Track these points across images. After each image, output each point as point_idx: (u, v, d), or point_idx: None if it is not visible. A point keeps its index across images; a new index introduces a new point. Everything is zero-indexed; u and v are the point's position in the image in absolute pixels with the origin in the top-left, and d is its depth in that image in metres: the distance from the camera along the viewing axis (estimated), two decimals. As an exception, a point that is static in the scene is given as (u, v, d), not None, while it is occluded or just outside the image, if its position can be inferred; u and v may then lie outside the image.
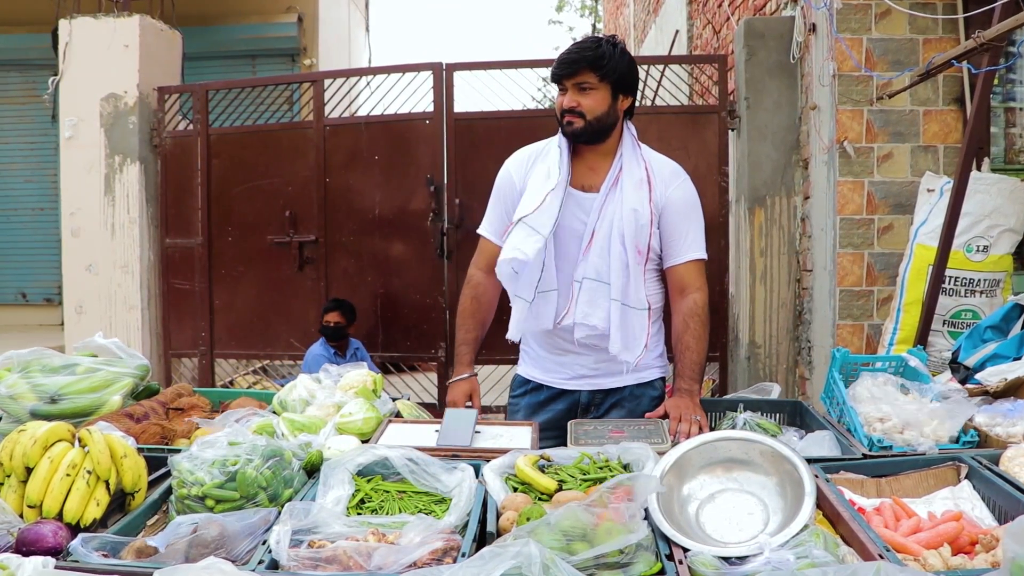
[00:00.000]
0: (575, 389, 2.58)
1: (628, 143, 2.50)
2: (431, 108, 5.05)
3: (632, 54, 2.53)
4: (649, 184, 2.46)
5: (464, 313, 2.64)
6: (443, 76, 5.02)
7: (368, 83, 5.23)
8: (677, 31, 7.77)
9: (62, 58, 5.46)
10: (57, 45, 5.52)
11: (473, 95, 5.16)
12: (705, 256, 2.58)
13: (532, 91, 9.27)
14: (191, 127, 5.45)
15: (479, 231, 2.66)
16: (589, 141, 2.47)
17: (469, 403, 2.51)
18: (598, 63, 2.38)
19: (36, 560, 1.40)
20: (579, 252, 2.44)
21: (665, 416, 2.38)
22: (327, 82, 5.26)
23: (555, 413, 2.55)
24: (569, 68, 2.40)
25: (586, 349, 2.53)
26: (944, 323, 3.57)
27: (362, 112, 5.32)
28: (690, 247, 2.54)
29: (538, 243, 2.37)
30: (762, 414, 2.38)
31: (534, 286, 2.44)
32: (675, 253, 2.53)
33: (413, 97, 5.09)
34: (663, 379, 2.65)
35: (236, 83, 5.48)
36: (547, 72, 5.16)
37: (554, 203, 2.40)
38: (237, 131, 5.39)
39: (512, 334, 2.51)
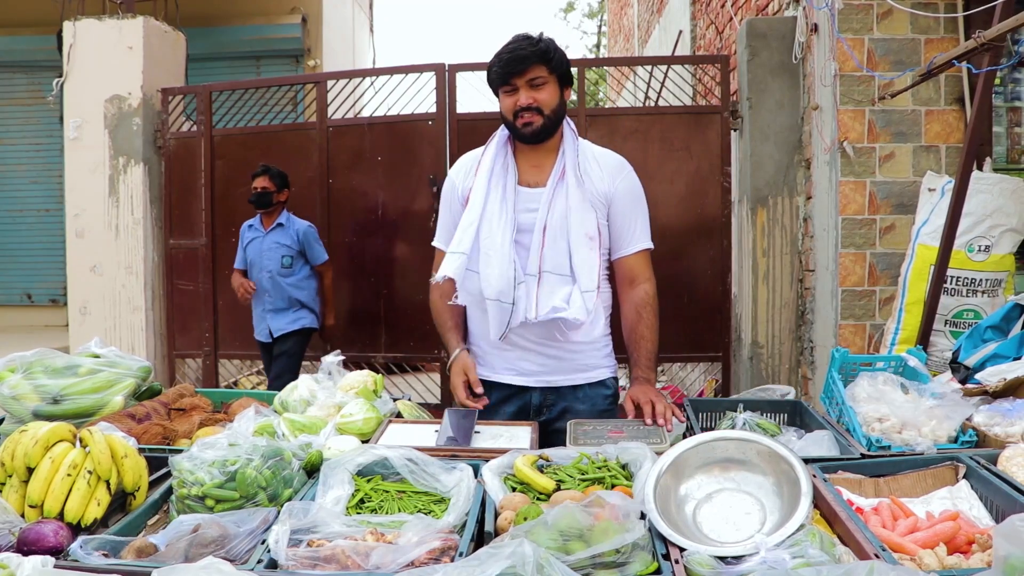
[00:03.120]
0: (526, 387, 2.56)
1: (569, 137, 2.50)
2: (434, 109, 5.06)
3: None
4: (589, 175, 2.47)
5: (440, 309, 2.62)
6: (446, 77, 5.03)
7: (372, 84, 5.24)
8: (681, 31, 7.77)
9: (67, 60, 5.49)
10: (62, 47, 5.55)
11: (476, 96, 5.17)
12: (652, 246, 2.62)
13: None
14: (195, 128, 5.47)
15: (434, 243, 2.66)
16: (545, 138, 2.46)
17: (468, 383, 2.45)
18: (547, 56, 2.37)
19: (36, 559, 1.41)
20: (533, 247, 2.43)
21: (636, 408, 2.40)
22: (330, 83, 5.27)
23: (506, 416, 2.55)
24: (522, 64, 2.37)
25: (536, 344, 2.53)
26: (946, 323, 3.57)
27: (366, 113, 5.33)
28: (638, 238, 2.58)
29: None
30: (762, 414, 2.38)
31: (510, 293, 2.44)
32: (624, 244, 2.56)
33: (416, 98, 5.10)
34: (615, 379, 2.67)
35: (240, 84, 5.50)
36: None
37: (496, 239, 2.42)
38: (241, 132, 5.41)
39: (494, 335, 2.49)
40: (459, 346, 2.56)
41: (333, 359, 2.62)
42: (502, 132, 2.56)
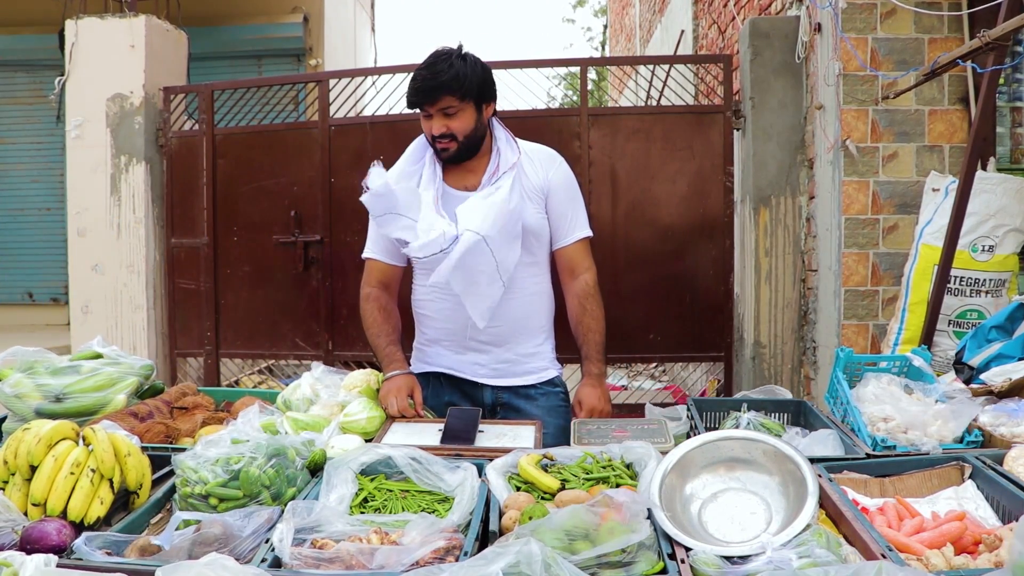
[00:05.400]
0: (478, 382, 2.62)
1: (500, 136, 2.55)
2: (436, 108, 5.04)
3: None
4: (522, 170, 2.51)
5: (376, 323, 2.63)
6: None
7: (374, 83, 5.23)
8: (683, 31, 7.77)
9: (68, 58, 5.48)
10: (63, 45, 5.53)
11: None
12: (591, 234, 2.66)
13: (539, 91, 9.30)
14: (197, 127, 5.47)
15: (365, 255, 2.70)
16: (466, 159, 2.50)
17: (410, 399, 2.44)
18: (456, 85, 2.38)
19: (39, 558, 1.41)
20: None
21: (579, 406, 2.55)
22: (332, 82, 5.26)
23: None
24: (430, 96, 2.39)
25: (487, 346, 2.59)
26: (949, 323, 3.56)
27: (368, 112, 5.32)
28: (576, 227, 2.62)
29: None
30: (766, 413, 2.38)
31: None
32: (563, 235, 2.61)
33: (418, 97, 5.07)
34: (560, 376, 2.74)
35: (241, 83, 5.49)
36: (553, 72, 5.17)
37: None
38: (242, 131, 5.40)
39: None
40: (406, 366, 2.56)
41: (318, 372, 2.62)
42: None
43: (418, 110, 2.48)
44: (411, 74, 2.51)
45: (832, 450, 2.08)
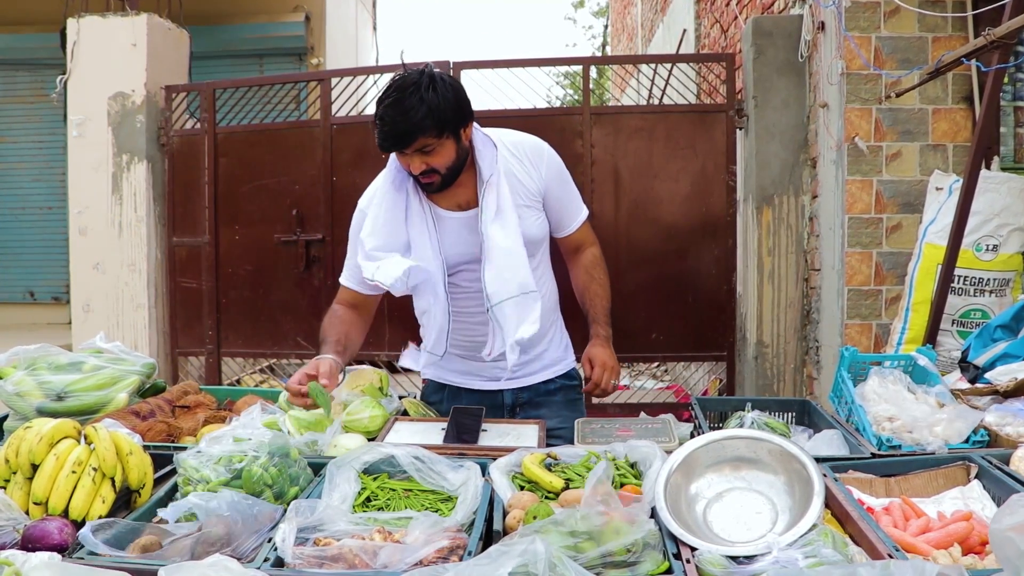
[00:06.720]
0: (496, 389, 2.58)
1: (479, 143, 2.37)
2: (438, 107, 5.02)
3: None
4: (514, 175, 2.41)
5: (323, 330, 2.50)
6: (450, 74, 4.99)
7: (375, 82, 5.22)
8: (685, 30, 7.76)
9: (70, 57, 5.47)
10: (65, 44, 5.53)
11: (481, 94, 5.13)
12: (587, 211, 2.64)
13: (541, 90, 9.32)
14: (198, 126, 5.46)
15: (341, 281, 2.61)
16: (452, 183, 2.35)
17: (325, 382, 2.23)
18: (431, 123, 2.17)
19: (42, 555, 1.40)
20: (481, 271, 2.36)
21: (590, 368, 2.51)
22: (334, 81, 5.26)
23: None
24: (403, 142, 2.20)
25: (503, 356, 2.49)
26: (953, 323, 3.55)
27: (369, 111, 5.31)
28: (576, 213, 2.59)
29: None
30: (770, 413, 2.37)
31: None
32: (567, 222, 2.58)
33: (420, 96, 5.06)
34: (576, 369, 2.71)
35: (243, 82, 5.48)
36: (554, 70, 5.15)
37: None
38: (244, 130, 5.40)
39: (434, 347, 2.53)
40: (331, 355, 2.36)
41: None
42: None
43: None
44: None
45: (837, 450, 2.07)
